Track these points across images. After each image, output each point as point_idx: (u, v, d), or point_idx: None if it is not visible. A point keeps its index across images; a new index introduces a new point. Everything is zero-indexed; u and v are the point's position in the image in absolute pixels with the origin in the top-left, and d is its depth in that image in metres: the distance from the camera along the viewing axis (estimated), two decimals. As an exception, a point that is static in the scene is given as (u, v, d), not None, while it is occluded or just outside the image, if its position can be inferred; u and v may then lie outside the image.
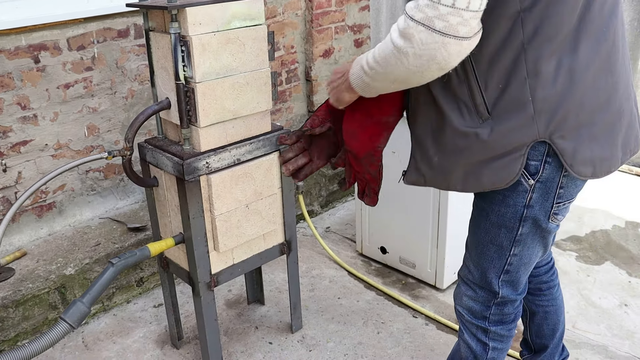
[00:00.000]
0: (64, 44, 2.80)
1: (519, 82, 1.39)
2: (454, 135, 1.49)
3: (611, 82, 1.44)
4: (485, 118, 1.44)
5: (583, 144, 1.44)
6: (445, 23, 1.20)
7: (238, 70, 2.09)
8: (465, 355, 1.90)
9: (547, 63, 1.37)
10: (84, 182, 3.08)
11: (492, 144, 1.45)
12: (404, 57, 1.28)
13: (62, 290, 2.72)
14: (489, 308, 1.78)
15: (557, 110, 1.40)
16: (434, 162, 1.57)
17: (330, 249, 3.33)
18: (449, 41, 1.22)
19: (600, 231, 3.49)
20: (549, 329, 2.12)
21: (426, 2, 1.21)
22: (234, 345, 2.64)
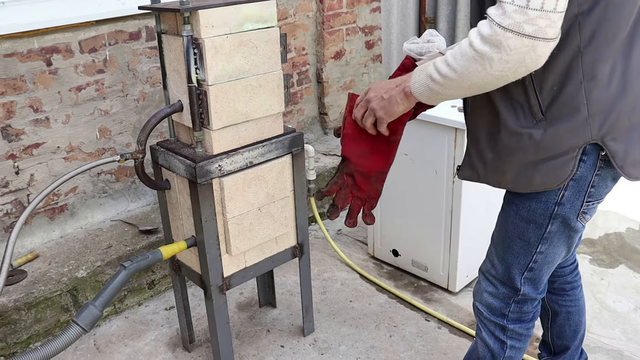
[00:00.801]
0: (75, 47, 2.81)
1: (574, 85, 1.41)
2: (508, 135, 1.51)
3: None
4: (539, 119, 1.46)
5: (634, 146, 1.47)
6: (535, 27, 1.21)
7: (250, 73, 2.08)
8: (483, 354, 1.89)
9: (604, 67, 1.39)
10: (95, 185, 3.08)
11: (545, 145, 1.47)
12: (488, 63, 1.28)
13: (74, 292, 2.72)
14: (508, 305, 1.77)
15: (610, 113, 1.42)
16: (488, 160, 1.59)
17: (342, 252, 3.31)
18: (538, 44, 1.23)
19: (614, 234, 3.46)
20: (571, 329, 2.11)
21: (514, 8, 1.21)
22: (245, 348, 2.64)
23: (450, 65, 1.36)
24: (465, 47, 1.31)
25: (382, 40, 4.34)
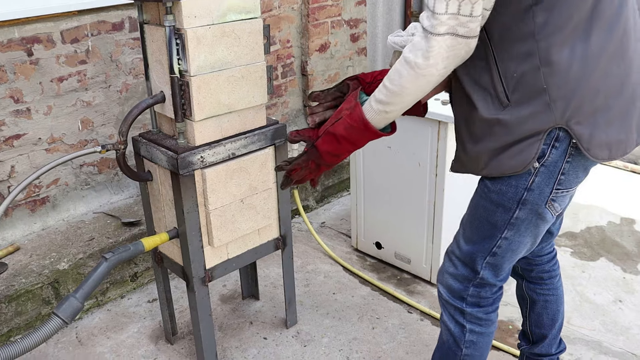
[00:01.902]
0: (57, 37, 2.78)
1: (532, 71, 1.47)
2: (481, 123, 1.57)
3: (623, 68, 1.50)
4: (506, 105, 1.52)
5: (599, 128, 1.50)
6: (466, 29, 1.39)
7: (233, 64, 2.07)
8: (446, 338, 1.92)
9: (559, 52, 1.44)
10: (77, 177, 3.06)
11: (512, 129, 1.52)
12: (434, 69, 1.43)
13: (55, 285, 2.70)
14: (467, 288, 1.80)
15: (572, 97, 1.47)
16: (468, 149, 1.66)
17: (325, 244, 3.32)
18: (469, 41, 1.41)
19: (596, 227, 3.49)
20: (549, 318, 2.13)
21: (448, 16, 1.37)
22: (228, 340, 2.63)
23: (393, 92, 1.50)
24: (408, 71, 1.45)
25: (367, 34, 4.34)
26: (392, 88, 1.50)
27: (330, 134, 1.66)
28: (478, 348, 1.88)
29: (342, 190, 4.00)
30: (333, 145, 1.67)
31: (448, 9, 1.37)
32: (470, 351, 1.89)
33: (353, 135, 1.63)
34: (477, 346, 1.88)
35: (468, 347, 1.88)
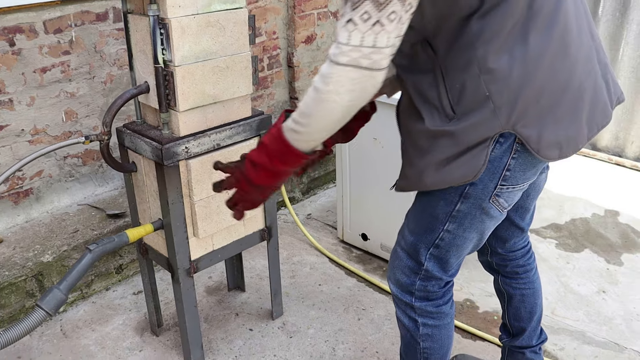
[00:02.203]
0: (40, 27, 2.75)
1: (474, 80, 1.45)
2: (427, 135, 1.55)
3: (568, 64, 1.48)
4: (452, 117, 1.51)
5: (547, 129, 1.49)
6: (369, 61, 1.35)
7: (218, 54, 2.06)
8: (403, 333, 1.93)
9: (498, 58, 1.43)
10: (61, 169, 3.04)
11: (459, 140, 1.50)
12: (336, 96, 1.39)
13: (39, 277, 2.68)
14: (414, 282, 1.79)
15: (516, 102, 1.45)
16: (414, 163, 1.63)
17: (311, 236, 3.32)
18: (376, 74, 1.37)
19: (580, 219, 3.52)
20: (527, 311, 2.13)
21: (350, 48, 1.34)
22: (214, 332, 2.63)
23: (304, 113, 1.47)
24: (312, 93, 1.43)
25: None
26: (302, 108, 1.49)
27: (261, 143, 1.64)
28: (436, 340, 1.88)
29: (328, 182, 4.00)
30: (261, 156, 1.61)
31: (350, 40, 1.34)
32: (428, 344, 1.88)
33: (274, 148, 1.58)
34: (434, 339, 1.87)
35: (425, 341, 1.88)
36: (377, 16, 1.32)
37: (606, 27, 4.09)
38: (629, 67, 4.03)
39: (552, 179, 3.92)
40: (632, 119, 4.11)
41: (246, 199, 1.71)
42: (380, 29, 1.33)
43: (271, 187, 1.69)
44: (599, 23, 4.09)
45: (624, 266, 3.05)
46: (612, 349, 2.50)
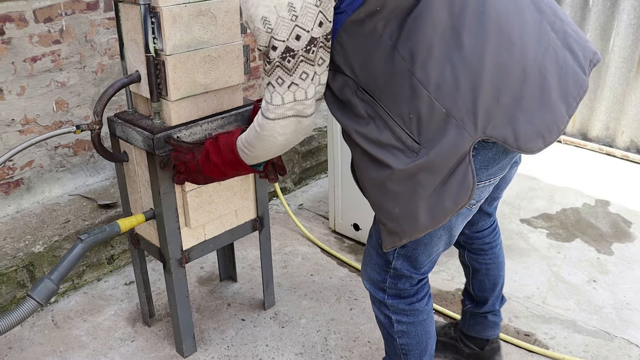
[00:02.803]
0: (30, 16, 2.72)
1: (426, 103, 1.40)
2: (402, 179, 1.48)
3: (516, 52, 1.42)
4: (417, 149, 1.45)
5: (519, 123, 1.43)
6: (294, 111, 1.54)
7: (210, 43, 2.05)
8: (381, 329, 1.96)
9: (440, 72, 1.38)
10: (52, 159, 3.02)
11: (438, 168, 1.44)
12: (273, 138, 1.61)
13: (30, 268, 2.67)
14: (385, 280, 1.79)
15: (475, 109, 1.40)
16: (396, 214, 1.53)
17: (303, 226, 3.32)
18: (302, 120, 1.57)
19: (571, 209, 3.53)
20: (490, 283, 2.21)
21: (273, 107, 1.53)
22: (206, 322, 2.63)
23: (250, 142, 1.71)
24: (254, 132, 1.66)
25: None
26: (247, 138, 1.72)
27: (216, 139, 1.89)
28: (412, 337, 1.87)
29: (319, 172, 4.00)
30: (216, 156, 1.86)
31: (273, 100, 1.52)
32: (405, 340, 1.88)
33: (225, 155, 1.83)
34: (409, 335, 1.87)
35: (401, 337, 1.88)
36: (289, 79, 1.48)
37: (597, 18, 4.09)
38: (620, 57, 4.05)
39: (543, 169, 3.94)
40: (622, 109, 4.13)
41: (190, 176, 1.98)
42: (296, 88, 1.49)
43: (217, 180, 1.97)
44: (590, 13, 4.10)
45: (614, 255, 3.08)
46: (602, 337, 2.52)
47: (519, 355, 2.42)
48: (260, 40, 1.46)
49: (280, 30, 1.42)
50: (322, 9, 1.41)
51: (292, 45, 1.43)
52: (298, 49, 1.44)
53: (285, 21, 1.40)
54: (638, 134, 4.11)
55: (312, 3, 1.39)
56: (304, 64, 1.46)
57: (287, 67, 1.45)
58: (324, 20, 1.43)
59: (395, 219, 1.53)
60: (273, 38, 1.43)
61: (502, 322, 2.58)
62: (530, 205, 3.56)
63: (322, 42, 1.46)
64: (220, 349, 2.47)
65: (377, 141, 1.49)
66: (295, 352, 2.45)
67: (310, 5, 1.40)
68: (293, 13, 1.39)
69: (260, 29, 1.44)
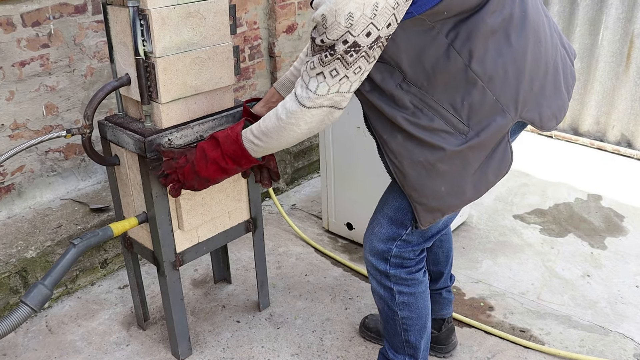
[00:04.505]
0: (17, 20, 2.70)
1: (480, 93, 1.60)
2: (453, 158, 1.66)
3: (542, 51, 1.68)
4: (466, 131, 1.64)
5: (543, 107, 1.71)
6: (331, 101, 1.57)
7: (199, 45, 2.04)
8: (380, 307, 2.05)
9: (494, 65, 1.58)
10: (43, 163, 3.00)
11: (485, 147, 1.66)
12: (297, 128, 1.64)
13: (23, 273, 2.65)
14: (390, 250, 1.90)
15: (517, 96, 1.64)
16: (442, 192, 1.71)
17: (296, 226, 3.31)
18: (334, 111, 1.61)
19: (564, 204, 3.54)
20: (444, 256, 2.31)
21: (316, 96, 1.56)
22: (201, 324, 2.62)
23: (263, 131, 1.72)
24: (275, 121, 1.67)
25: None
26: (263, 128, 1.72)
27: (213, 137, 1.88)
28: (413, 309, 1.99)
29: (312, 172, 4.00)
30: (215, 152, 1.85)
31: (318, 89, 1.55)
32: (406, 313, 2.00)
33: (227, 147, 1.82)
34: (410, 307, 1.99)
35: (402, 309, 1.99)
36: (344, 72, 1.52)
37: (585, 12, 4.11)
38: (609, 51, 4.06)
39: (535, 165, 3.95)
40: (612, 103, 4.14)
41: (185, 184, 1.95)
42: (345, 80, 1.54)
43: (214, 181, 1.93)
44: (578, 8, 4.11)
45: (607, 250, 3.08)
46: (597, 332, 2.52)
47: (515, 351, 2.42)
48: (330, 34, 1.47)
49: (358, 27, 1.45)
50: (396, 12, 1.46)
51: (360, 41, 1.47)
52: (364, 45, 1.48)
53: (365, 19, 1.44)
54: (628, 128, 4.13)
55: (391, 5, 1.44)
56: (363, 59, 1.51)
57: (348, 60, 1.50)
58: (393, 22, 1.48)
59: (440, 197, 1.71)
60: (349, 33, 1.45)
61: (497, 319, 2.59)
62: (522, 201, 3.57)
63: (382, 41, 1.51)
64: (215, 352, 2.46)
65: (428, 127, 1.64)
66: (291, 352, 2.44)
67: (388, 7, 1.44)
68: (374, 12, 1.43)
69: (339, 24, 1.44)
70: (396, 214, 1.86)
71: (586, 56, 4.18)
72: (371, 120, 1.75)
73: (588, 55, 4.17)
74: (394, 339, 2.08)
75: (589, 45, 4.14)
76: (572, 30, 4.18)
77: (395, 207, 1.87)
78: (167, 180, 1.97)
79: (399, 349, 2.09)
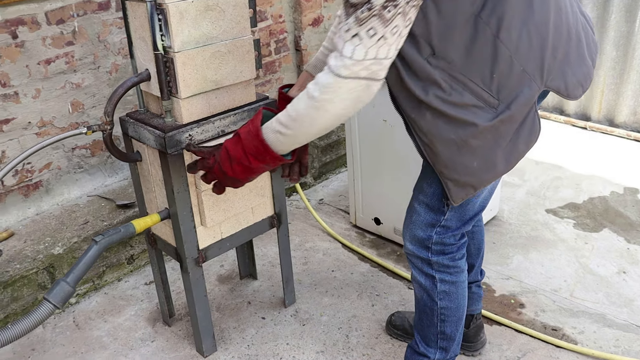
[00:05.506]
0: (42, 18, 2.71)
1: (508, 64, 1.56)
2: (485, 133, 1.62)
3: (563, 18, 1.64)
4: (496, 104, 1.60)
5: (568, 75, 1.68)
6: (369, 71, 1.46)
7: (219, 39, 2.01)
8: (420, 295, 2.02)
9: (519, 37, 1.55)
10: (70, 160, 3.02)
11: (515, 120, 1.63)
12: (331, 106, 1.51)
13: (50, 270, 2.67)
14: (430, 237, 1.88)
15: (543, 65, 1.61)
16: (474, 167, 1.67)
17: (323, 221, 3.27)
18: (372, 84, 1.48)
19: (599, 198, 3.43)
20: (475, 248, 2.26)
21: (352, 62, 1.43)
22: (226, 321, 2.60)
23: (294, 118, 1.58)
24: (306, 100, 1.53)
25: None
26: (291, 113, 1.58)
27: (237, 134, 1.75)
28: (453, 299, 1.97)
29: (340, 166, 3.95)
30: (237, 149, 1.73)
31: (354, 54, 1.43)
32: (446, 303, 1.98)
33: (248, 143, 1.69)
34: (451, 297, 1.97)
35: (442, 299, 1.97)
36: (382, 31, 1.41)
37: None
38: (647, 40, 3.92)
39: (569, 158, 3.84)
40: (651, 94, 4.00)
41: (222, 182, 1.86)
42: (383, 42, 1.42)
43: (245, 180, 1.82)
44: (615, -4, 3.98)
45: (644, 245, 2.98)
46: (633, 331, 2.43)
47: (547, 350, 2.35)
48: None
49: None
50: None
51: None
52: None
53: None
54: (667, 119, 3.99)
55: None
56: (400, 16, 1.42)
57: (385, 17, 1.40)
58: None
59: (472, 172, 1.67)
60: None
61: (528, 317, 2.52)
62: (555, 195, 3.47)
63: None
64: (240, 348, 2.44)
65: (459, 103, 1.60)
66: (317, 350, 2.41)
67: None
68: None
69: None
70: (432, 200, 1.85)
71: (622, 44, 4.03)
72: (399, 99, 1.69)
73: (624, 44, 4.02)
74: (428, 330, 2.05)
75: (625, 33, 4.00)
76: (607, 17, 4.04)
77: (431, 194, 1.84)
78: (207, 179, 1.89)
79: (431, 341, 2.06)
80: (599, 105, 4.25)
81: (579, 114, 4.38)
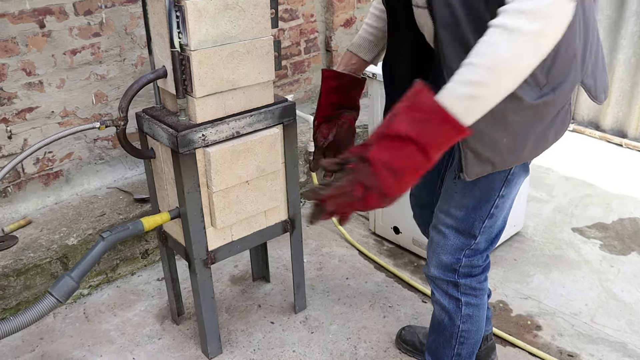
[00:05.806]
0: (70, 9, 2.71)
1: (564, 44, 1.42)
2: (524, 112, 1.49)
3: (596, 26, 1.62)
4: (543, 84, 1.49)
5: (597, 77, 1.67)
6: None
7: (237, 38, 1.97)
8: (440, 318, 1.94)
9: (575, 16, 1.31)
10: (91, 151, 3.02)
11: (556, 104, 1.55)
12: (542, 38, 1.21)
13: (64, 260, 2.67)
14: (459, 260, 1.81)
15: (585, 57, 1.56)
16: (503, 143, 1.54)
17: (342, 227, 3.22)
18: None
19: (629, 219, 3.31)
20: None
21: None
22: (234, 323, 2.57)
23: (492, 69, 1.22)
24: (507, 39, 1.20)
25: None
26: (486, 61, 1.21)
27: (388, 137, 1.26)
28: (474, 322, 1.91)
29: (365, 171, 3.88)
30: (395, 151, 1.25)
31: None
32: (467, 326, 1.91)
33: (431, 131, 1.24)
34: (473, 320, 1.91)
35: (465, 322, 1.91)
36: None
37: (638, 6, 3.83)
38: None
39: (601, 175, 3.71)
40: (692, 113, 3.85)
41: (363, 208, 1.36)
42: None
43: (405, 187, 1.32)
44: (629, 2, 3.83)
45: (673, 272, 2.86)
46: (654, 361, 2.33)
47: (561, 376, 2.26)
48: None
49: None
50: None
51: None
52: None
53: None
54: None
55: None
56: None
57: None
58: None
59: (498, 149, 1.54)
60: None
61: (545, 340, 2.44)
62: (584, 214, 3.35)
63: None
64: (246, 352, 2.41)
65: None
66: (323, 360, 2.37)
67: None
68: None
69: None
70: (462, 225, 1.76)
71: (665, 61, 3.89)
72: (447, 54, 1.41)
73: (667, 60, 3.88)
74: (443, 352, 1.99)
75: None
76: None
77: (460, 219, 1.76)
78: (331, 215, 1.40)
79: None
80: (636, 122, 4.10)
81: (615, 130, 4.23)
